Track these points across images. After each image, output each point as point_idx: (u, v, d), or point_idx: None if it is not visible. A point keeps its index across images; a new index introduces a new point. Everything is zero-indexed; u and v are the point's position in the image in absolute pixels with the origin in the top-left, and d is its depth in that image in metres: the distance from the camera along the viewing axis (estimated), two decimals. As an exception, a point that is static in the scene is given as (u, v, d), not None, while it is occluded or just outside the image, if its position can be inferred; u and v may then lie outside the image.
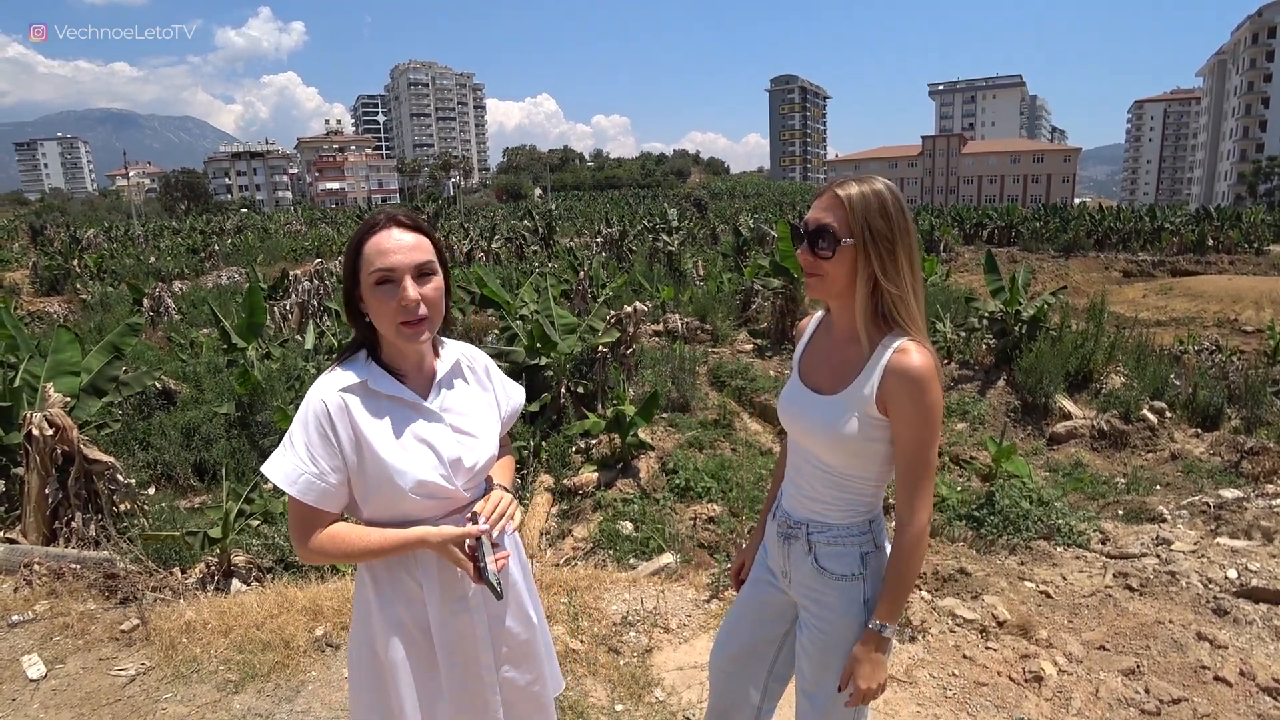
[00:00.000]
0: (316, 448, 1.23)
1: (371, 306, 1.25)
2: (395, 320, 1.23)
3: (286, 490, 1.23)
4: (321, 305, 13.11)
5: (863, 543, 1.41)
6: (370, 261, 1.23)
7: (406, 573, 1.30)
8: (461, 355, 1.44)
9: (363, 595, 1.34)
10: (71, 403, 5.02)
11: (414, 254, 1.24)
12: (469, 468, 1.33)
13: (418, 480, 1.26)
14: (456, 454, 1.32)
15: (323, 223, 43.49)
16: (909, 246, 1.32)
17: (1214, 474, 7.11)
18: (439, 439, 1.31)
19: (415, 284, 1.24)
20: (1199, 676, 2.67)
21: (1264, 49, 60.55)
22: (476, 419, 1.38)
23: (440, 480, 1.28)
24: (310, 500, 1.23)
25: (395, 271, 1.22)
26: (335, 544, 1.25)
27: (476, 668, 1.35)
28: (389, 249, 1.22)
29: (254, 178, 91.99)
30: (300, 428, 1.25)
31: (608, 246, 21.99)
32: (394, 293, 1.22)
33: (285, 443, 1.25)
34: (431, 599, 1.30)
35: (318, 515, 1.25)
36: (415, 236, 1.26)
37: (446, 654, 1.32)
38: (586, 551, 5.49)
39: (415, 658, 1.31)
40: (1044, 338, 9.80)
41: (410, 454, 1.27)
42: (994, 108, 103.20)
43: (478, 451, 1.35)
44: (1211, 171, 71.44)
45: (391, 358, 1.32)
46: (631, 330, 8.77)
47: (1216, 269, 23.58)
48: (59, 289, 19.47)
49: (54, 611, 3.05)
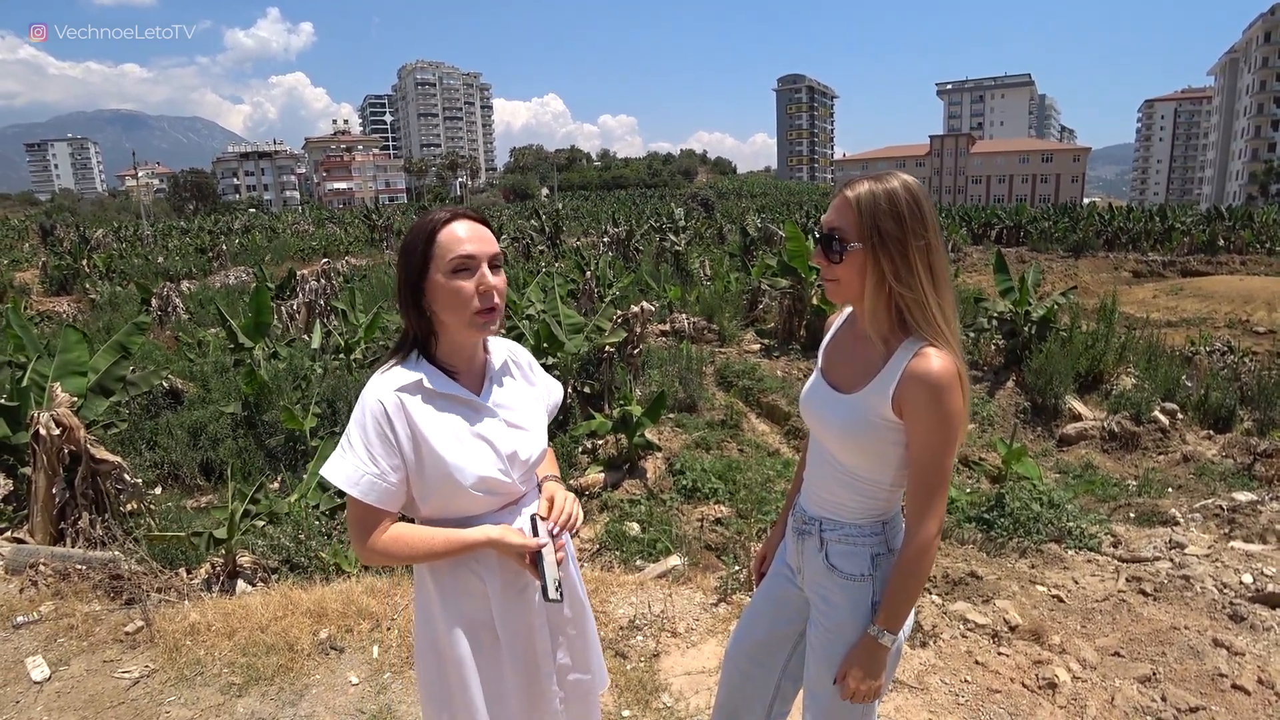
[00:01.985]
0: (376, 448, 1.24)
1: (444, 296, 1.25)
2: (470, 309, 1.25)
3: (348, 491, 1.23)
4: (329, 305, 13.12)
5: (874, 544, 1.39)
6: (448, 249, 1.24)
7: (468, 567, 1.31)
8: (509, 352, 1.46)
9: (424, 592, 1.35)
10: (79, 402, 5.02)
11: (489, 244, 1.27)
12: (524, 460, 1.35)
13: (478, 477, 1.27)
14: (512, 448, 1.33)
15: (330, 223, 43.65)
16: (926, 248, 1.26)
17: (1227, 476, 7.02)
18: (495, 434, 1.32)
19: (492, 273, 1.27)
20: (1217, 684, 2.62)
21: (1276, 47, 60.02)
22: (527, 413, 1.40)
23: (499, 475, 1.30)
24: (372, 500, 1.23)
25: (475, 259, 1.24)
26: (399, 545, 1.26)
27: (534, 656, 1.36)
28: (467, 237, 1.25)
29: (262, 178, 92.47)
30: (359, 428, 1.25)
31: (614, 246, 21.97)
32: (471, 280, 1.24)
33: (343, 444, 1.26)
34: (494, 592, 1.31)
35: (379, 515, 1.25)
36: (485, 229, 1.29)
37: (509, 646, 1.33)
38: (593, 553, 5.46)
39: (479, 651, 1.32)
40: (1054, 338, 9.71)
41: (469, 450, 1.28)
42: (1003, 107, 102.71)
43: (531, 445, 1.37)
44: (1223, 171, 70.83)
45: (446, 354, 1.33)
46: (638, 330, 8.74)
47: (1228, 269, 23.37)
48: (68, 289, 19.61)
49: (59, 613, 3.04)
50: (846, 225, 1.28)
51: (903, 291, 1.26)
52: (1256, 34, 62.42)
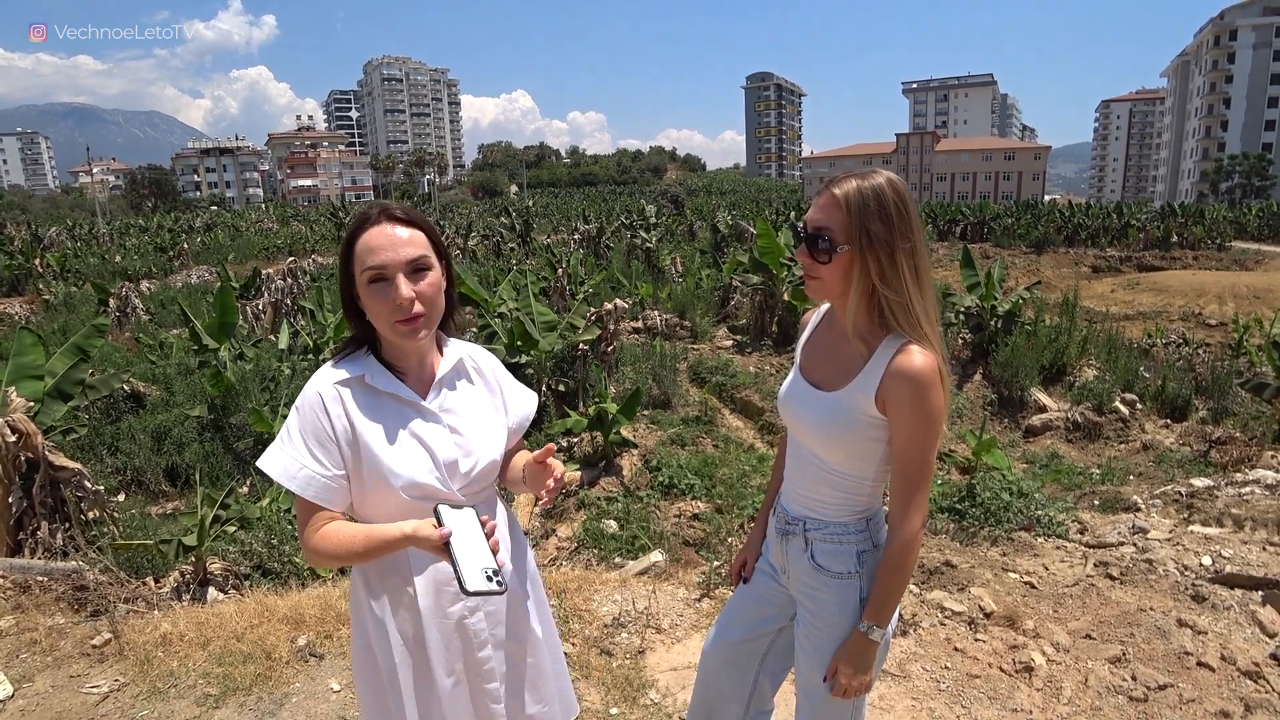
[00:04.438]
0: (313, 441, 1.19)
1: (367, 305, 1.21)
2: (391, 319, 1.19)
3: (285, 485, 1.18)
4: (295, 304, 12.86)
5: (859, 541, 1.40)
6: (362, 260, 1.18)
7: (397, 574, 1.24)
8: (466, 355, 1.38)
9: (357, 599, 1.29)
10: (35, 407, 4.84)
11: (406, 249, 1.19)
12: (465, 473, 1.27)
13: (411, 480, 1.20)
14: (452, 456, 1.26)
15: (295, 220, 42.72)
16: (911, 250, 1.27)
17: (1184, 463, 7.29)
18: (435, 440, 1.25)
19: (409, 280, 1.18)
20: (1183, 662, 2.71)
21: (1225, 51, 62.21)
22: (477, 422, 1.32)
23: (434, 482, 1.23)
24: (310, 496, 1.18)
25: (387, 269, 1.17)
26: (327, 542, 1.18)
27: (479, 682, 1.30)
28: (379, 246, 1.18)
29: (224, 175, 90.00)
30: (296, 420, 1.20)
31: (585, 243, 21.92)
32: (387, 291, 1.18)
33: (282, 435, 1.21)
34: (426, 604, 1.23)
35: (317, 511, 1.20)
36: (409, 230, 1.21)
37: (444, 666, 1.26)
38: (571, 551, 5.44)
39: (414, 667, 1.26)
40: (1019, 332, 9.96)
41: (405, 453, 1.22)
42: (966, 106, 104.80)
43: (475, 455, 1.29)
44: (1175, 169, 73.31)
45: (392, 356, 1.27)
46: (612, 327, 8.73)
47: (1181, 264, 24.20)
48: (20, 289, 18.84)
49: (20, 627, 2.92)
50: (834, 225, 1.27)
51: (887, 293, 1.26)
52: (1207, 38, 64.67)
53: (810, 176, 73.05)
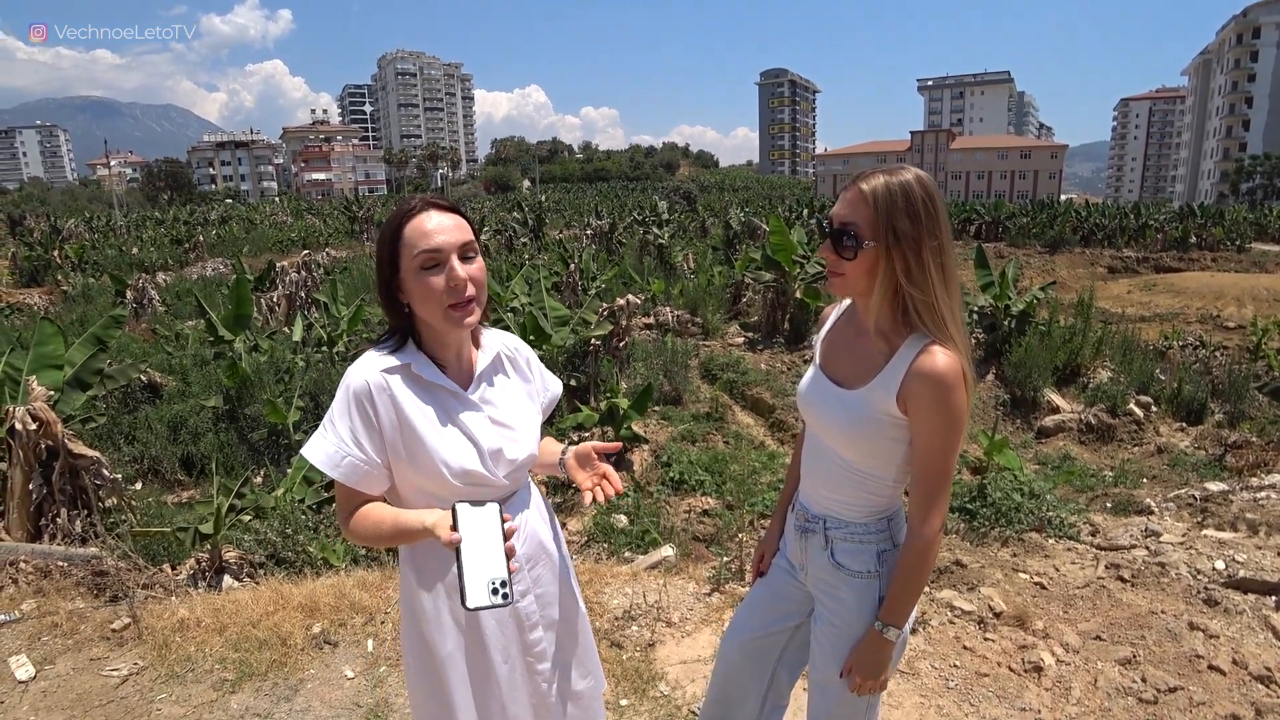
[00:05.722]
0: (359, 429, 1.21)
1: (416, 292, 1.21)
2: (443, 303, 1.21)
3: (328, 473, 1.21)
4: (309, 297, 12.95)
5: (880, 540, 1.39)
6: (414, 244, 1.20)
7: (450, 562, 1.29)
8: (503, 346, 1.41)
9: (408, 588, 1.32)
10: (55, 396, 4.92)
11: (457, 234, 1.21)
12: (510, 460, 1.31)
13: (461, 468, 1.24)
14: (497, 445, 1.30)
15: (309, 214, 42.98)
16: (938, 248, 1.25)
17: (1199, 467, 7.22)
18: (479, 430, 1.29)
19: (461, 264, 1.21)
20: (1194, 665, 2.70)
21: (1248, 49, 61.25)
22: (517, 412, 1.36)
23: (481, 469, 1.27)
24: (353, 483, 1.21)
25: (441, 252, 1.19)
26: (361, 525, 1.23)
27: (532, 663, 1.34)
28: (432, 230, 1.19)
29: (238, 168, 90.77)
30: (341, 408, 1.22)
31: (597, 239, 21.90)
32: (440, 274, 1.19)
33: (325, 423, 1.23)
34: None
35: (359, 497, 1.24)
36: (454, 218, 1.23)
37: (501, 651, 1.30)
38: (581, 545, 5.47)
39: (469, 652, 1.29)
40: (1033, 332, 9.89)
41: (451, 441, 1.25)
42: (982, 104, 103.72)
43: (518, 444, 1.33)
44: (1195, 169, 72.30)
45: (432, 349, 1.29)
46: (624, 323, 8.74)
47: (1199, 266, 23.87)
48: (39, 280, 19.12)
49: (41, 610, 2.98)
50: (861, 221, 1.25)
51: (913, 291, 1.24)
52: (1229, 36, 63.67)
53: (824, 174, 72.69)
